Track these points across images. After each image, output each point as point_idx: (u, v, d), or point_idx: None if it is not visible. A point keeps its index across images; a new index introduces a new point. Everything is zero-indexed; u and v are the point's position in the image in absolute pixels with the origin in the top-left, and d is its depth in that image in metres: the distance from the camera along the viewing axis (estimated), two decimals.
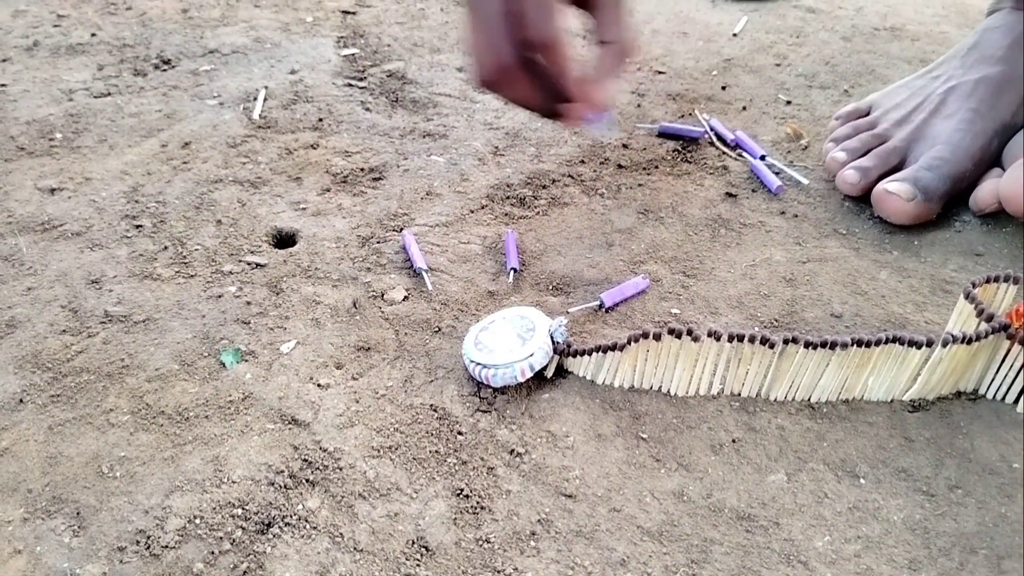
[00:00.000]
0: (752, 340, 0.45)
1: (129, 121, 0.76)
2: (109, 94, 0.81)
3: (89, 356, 0.51)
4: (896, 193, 0.60)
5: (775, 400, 0.48)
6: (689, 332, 0.45)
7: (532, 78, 0.52)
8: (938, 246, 0.60)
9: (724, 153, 0.72)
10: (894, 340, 0.45)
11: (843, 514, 0.42)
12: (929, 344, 0.45)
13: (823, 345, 0.45)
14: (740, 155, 0.71)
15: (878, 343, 0.45)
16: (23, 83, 0.83)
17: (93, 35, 0.94)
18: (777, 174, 0.68)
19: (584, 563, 0.39)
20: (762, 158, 0.70)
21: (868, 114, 0.70)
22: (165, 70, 0.86)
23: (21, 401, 0.48)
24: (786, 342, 0.45)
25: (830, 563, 0.39)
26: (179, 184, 0.67)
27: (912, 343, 0.45)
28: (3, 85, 0.82)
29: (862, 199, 0.64)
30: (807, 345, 0.45)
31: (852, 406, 0.47)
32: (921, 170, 0.61)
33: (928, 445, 0.45)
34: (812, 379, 0.47)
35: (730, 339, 0.45)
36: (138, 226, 0.62)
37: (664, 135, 0.75)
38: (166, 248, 0.60)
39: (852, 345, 0.45)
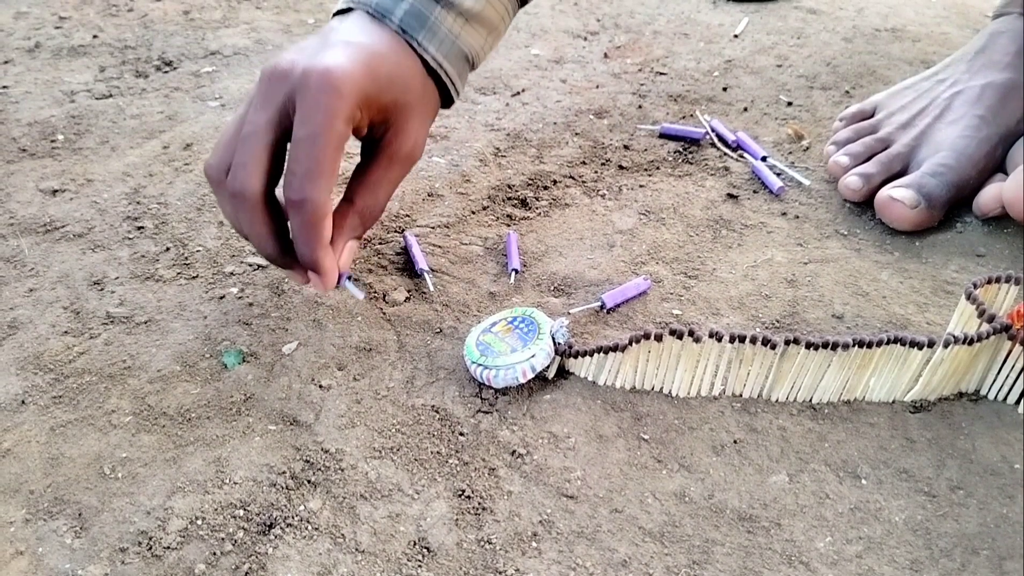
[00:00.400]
0: (754, 341, 0.45)
1: (131, 123, 0.76)
2: (111, 96, 0.81)
3: (91, 357, 0.51)
4: (900, 200, 0.60)
5: (776, 401, 0.48)
6: (691, 333, 0.45)
7: (271, 220, 0.46)
8: (939, 247, 0.60)
9: (725, 154, 0.72)
10: (896, 341, 0.45)
11: (845, 515, 0.42)
12: (931, 345, 0.45)
13: (825, 346, 0.45)
14: (741, 156, 0.71)
15: (880, 344, 0.45)
16: (25, 85, 0.83)
17: (95, 37, 0.94)
18: (778, 175, 0.68)
19: (586, 564, 0.39)
20: (763, 159, 0.70)
21: (872, 115, 0.70)
22: (167, 72, 0.87)
23: (23, 402, 0.48)
24: (788, 343, 0.45)
25: (832, 564, 0.39)
26: (181, 186, 0.67)
27: (914, 344, 0.45)
28: (5, 87, 0.82)
29: (864, 200, 0.64)
30: (809, 346, 0.45)
31: (853, 407, 0.47)
32: (925, 176, 0.61)
33: (930, 446, 0.45)
34: (814, 380, 0.47)
35: (731, 340, 0.45)
36: (140, 227, 0.62)
37: (665, 136, 0.75)
38: (168, 249, 0.60)
39: (853, 346, 0.45)
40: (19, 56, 0.89)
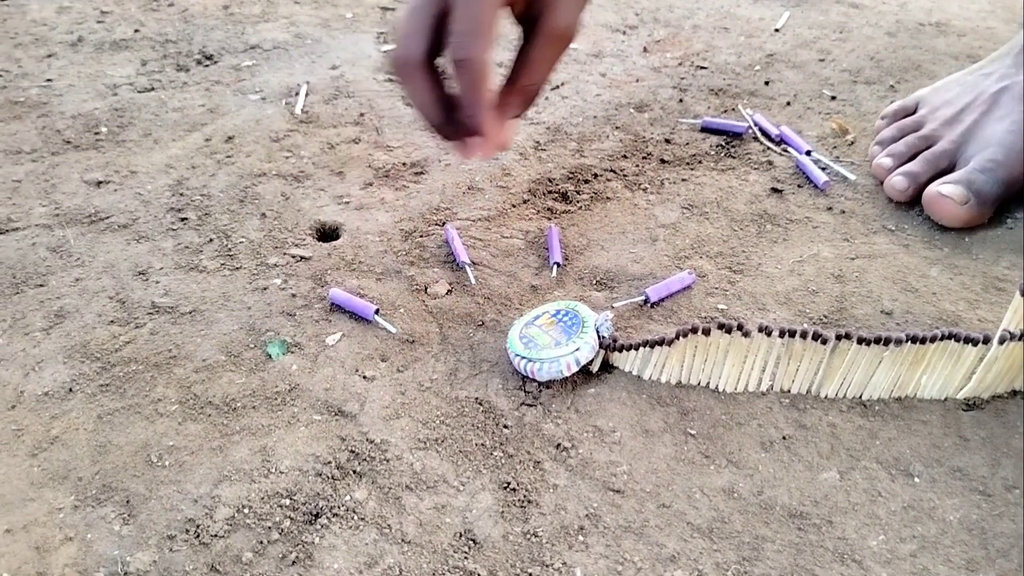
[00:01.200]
0: (804, 336, 0.44)
1: (173, 115, 0.77)
2: (153, 89, 0.82)
3: (137, 346, 0.51)
4: (949, 196, 0.59)
5: (826, 397, 0.47)
6: (740, 327, 0.44)
7: (435, 87, 0.48)
8: (989, 243, 0.59)
9: (768, 148, 0.71)
10: (949, 337, 0.44)
11: (898, 513, 0.41)
12: (985, 341, 0.44)
13: (877, 341, 0.44)
14: (785, 150, 0.70)
15: (933, 340, 0.44)
16: (68, 78, 0.84)
17: (136, 31, 0.94)
18: (823, 169, 0.67)
19: (634, 558, 0.39)
20: (808, 153, 0.69)
21: (915, 111, 0.69)
22: (207, 65, 0.87)
23: (71, 390, 0.48)
24: (839, 338, 0.44)
25: (885, 562, 0.38)
26: (223, 178, 0.67)
27: (968, 340, 0.44)
28: (49, 80, 0.83)
29: (910, 200, 0.63)
30: (860, 341, 0.44)
31: (904, 404, 0.47)
32: (975, 172, 0.59)
33: (984, 444, 0.44)
34: (864, 376, 0.46)
35: (781, 335, 0.44)
36: (183, 219, 0.62)
37: (707, 130, 0.74)
38: (211, 240, 0.60)
39: (906, 342, 0.44)
40: (62, 50, 0.90)
